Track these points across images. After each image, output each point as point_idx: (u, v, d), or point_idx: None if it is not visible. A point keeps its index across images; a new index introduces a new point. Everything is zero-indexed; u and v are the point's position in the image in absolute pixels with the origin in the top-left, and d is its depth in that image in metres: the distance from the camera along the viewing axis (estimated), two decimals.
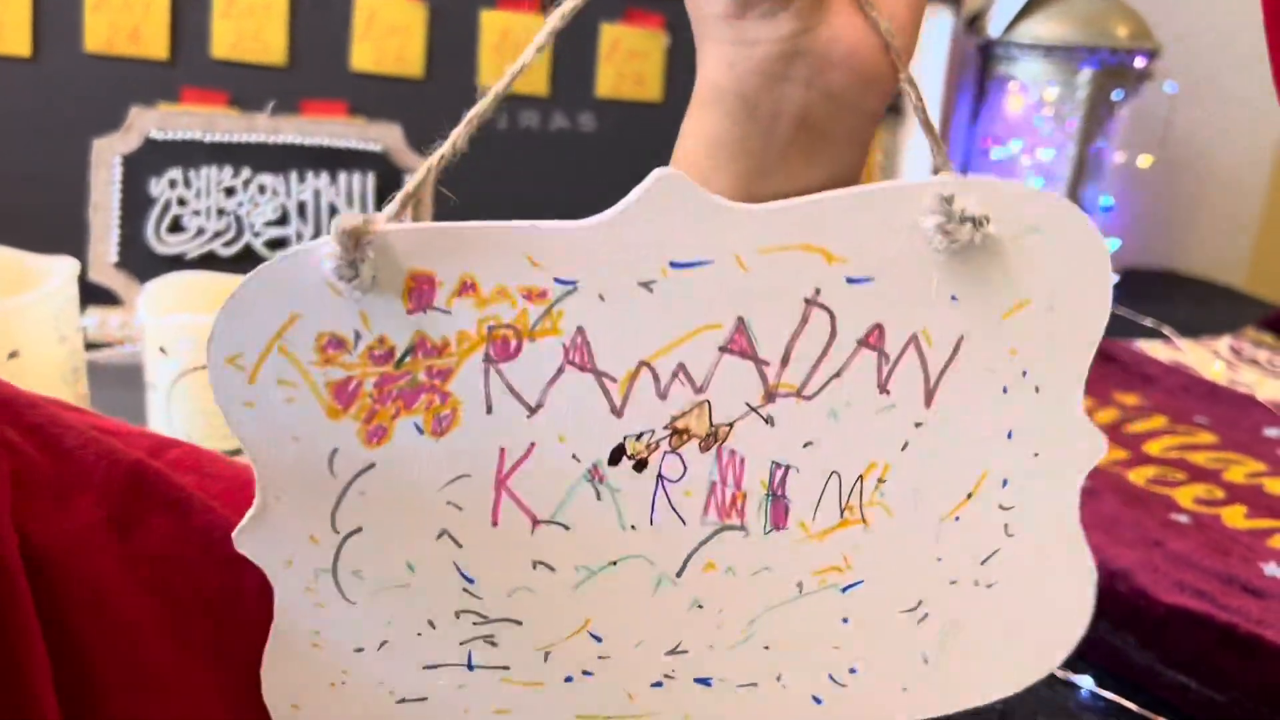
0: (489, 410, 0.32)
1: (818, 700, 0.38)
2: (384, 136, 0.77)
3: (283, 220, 0.77)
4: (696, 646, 0.36)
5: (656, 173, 0.31)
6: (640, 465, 0.33)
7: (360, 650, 0.34)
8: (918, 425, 0.34)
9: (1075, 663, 0.61)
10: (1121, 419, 0.84)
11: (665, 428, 0.33)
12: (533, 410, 0.32)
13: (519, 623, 0.34)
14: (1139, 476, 0.74)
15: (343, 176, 0.77)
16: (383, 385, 0.31)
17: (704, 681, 0.37)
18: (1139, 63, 1.20)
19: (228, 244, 0.77)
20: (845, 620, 0.36)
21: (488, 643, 0.35)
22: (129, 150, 0.75)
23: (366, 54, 1.11)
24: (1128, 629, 0.60)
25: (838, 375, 0.33)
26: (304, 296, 0.30)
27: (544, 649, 0.35)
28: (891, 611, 0.36)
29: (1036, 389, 0.34)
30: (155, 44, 1.08)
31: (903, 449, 0.34)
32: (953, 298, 0.32)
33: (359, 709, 0.35)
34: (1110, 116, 1.24)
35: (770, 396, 0.33)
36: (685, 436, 0.33)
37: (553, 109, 1.16)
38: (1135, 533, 0.66)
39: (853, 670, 0.38)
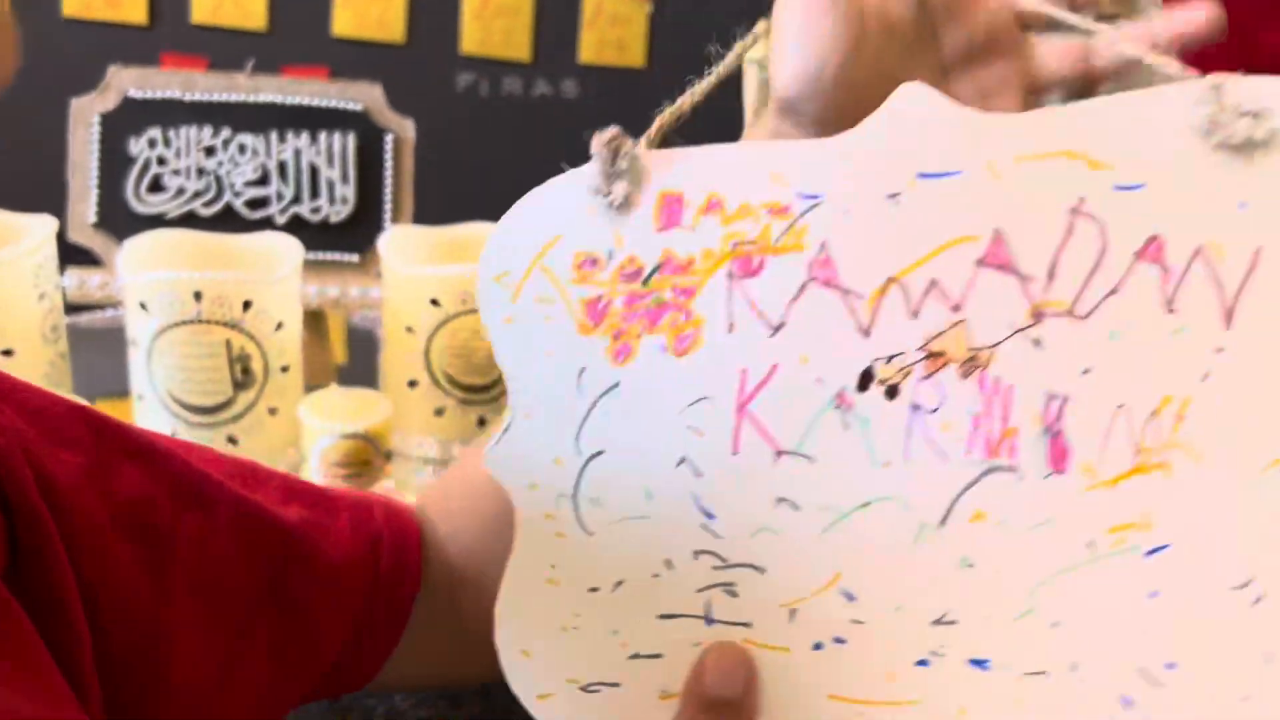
0: (731, 329, 0.31)
1: (1127, 702, 0.32)
2: (364, 96, 0.77)
3: (263, 180, 0.77)
4: (969, 617, 0.31)
5: (902, 87, 0.30)
6: (891, 392, 0.31)
7: (595, 590, 0.33)
8: (1219, 351, 0.29)
9: None
10: None
11: (919, 350, 0.30)
12: (775, 329, 0.31)
13: (761, 570, 0.32)
14: None
15: (323, 136, 0.76)
16: (631, 303, 0.32)
17: (979, 664, 0.32)
18: None
19: (208, 204, 0.76)
20: (1154, 595, 0.31)
21: (728, 592, 0.33)
22: (107, 109, 0.75)
23: (347, 20, 1.11)
24: None
25: (1114, 292, 0.29)
26: (566, 218, 0.32)
27: (790, 605, 0.32)
28: (1214, 588, 0.30)
29: None
30: (134, 8, 1.07)
31: (1203, 379, 0.29)
32: (1241, 204, 0.29)
33: (588, 661, 0.34)
34: None
35: (1037, 315, 0.30)
36: (941, 360, 0.30)
37: (535, 75, 1.16)
38: None
39: (1170, 666, 0.31)
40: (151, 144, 0.75)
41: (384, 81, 0.78)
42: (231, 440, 0.66)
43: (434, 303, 0.68)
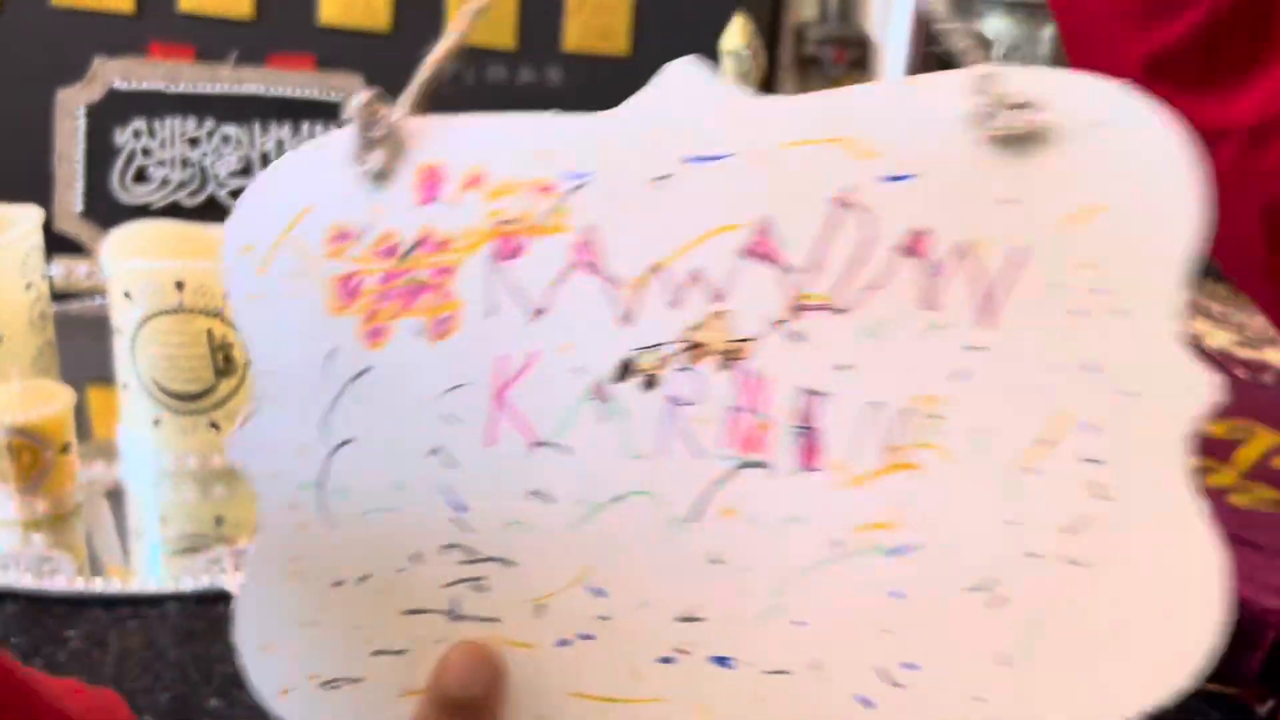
0: (490, 313, 0.30)
1: (866, 703, 0.31)
2: (347, 87, 0.78)
3: (246, 170, 0.78)
4: (715, 614, 0.31)
5: (673, 62, 0.29)
6: (650, 382, 0.30)
7: (339, 584, 0.32)
8: (976, 349, 0.29)
9: None
10: None
11: (679, 340, 0.30)
12: (535, 315, 0.30)
13: (511, 564, 0.31)
14: None
15: (306, 127, 0.78)
16: (386, 281, 0.31)
17: (722, 661, 0.31)
18: None
19: (192, 194, 0.78)
20: (896, 595, 0.30)
21: (476, 587, 0.32)
22: (93, 100, 0.76)
23: (334, 9, 1.12)
24: None
25: (876, 287, 0.29)
26: (320, 187, 0.30)
27: (538, 600, 0.31)
28: (954, 588, 0.29)
29: (1119, 312, 0.28)
30: None
31: (958, 377, 0.29)
32: (1010, 200, 0.28)
33: (331, 656, 0.32)
34: None
35: (798, 308, 0.29)
36: (701, 351, 0.30)
37: (520, 63, 1.17)
38: None
39: (911, 666, 0.30)
40: (137, 135, 0.77)
41: (370, 70, 0.79)
42: (214, 425, 0.67)
43: None
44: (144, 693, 0.50)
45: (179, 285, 0.63)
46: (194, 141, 0.77)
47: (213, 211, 0.77)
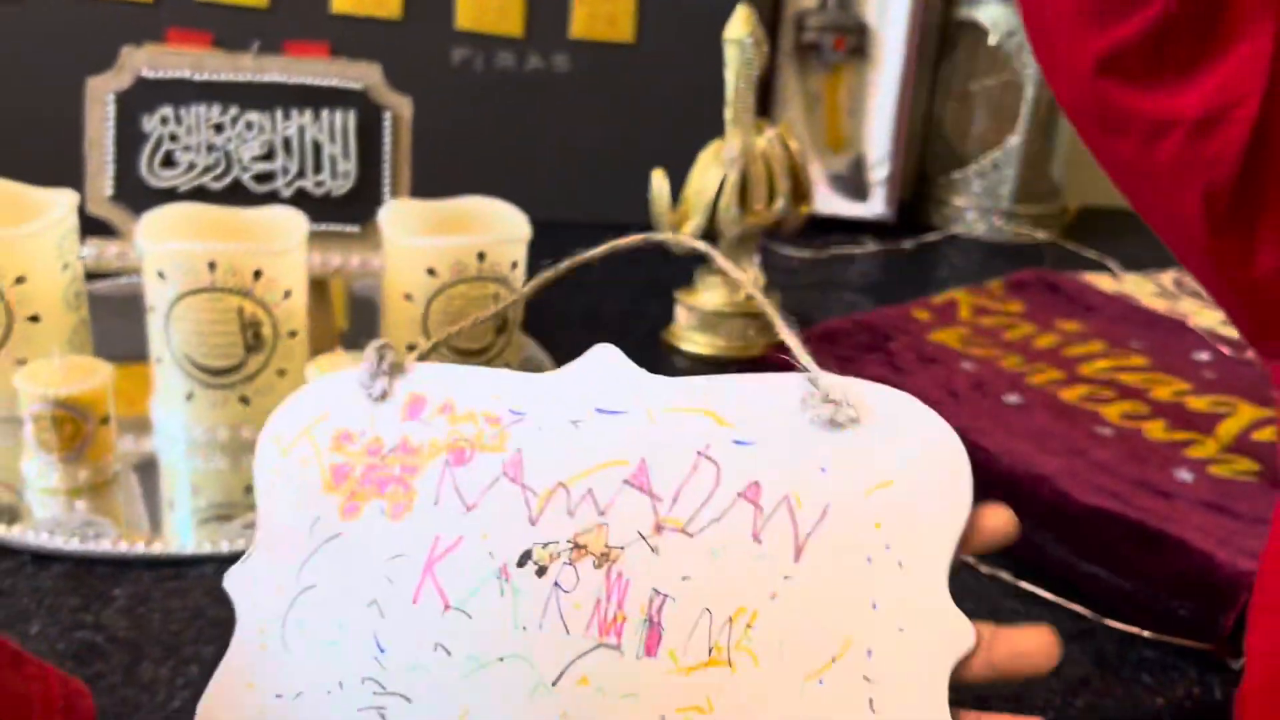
0: (436, 503, 0.40)
1: None
2: (364, 75, 0.81)
3: (269, 155, 0.81)
4: None
5: (596, 348, 0.40)
6: (541, 571, 0.38)
7: (279, 696, 0.39)
8: (786, 578, 0.36)
9: (997, 558, 0.67)
10: (1060, 343, 0.89)
11: (568, 541, 0.38)
12: (468, 509, 0.39)
13: (409, 699, 0.38)
14: (1071, 394, 0.80)
15: (325, 113, 0.81)
16: (368, 473, 0.40)
17: None
18: None
19: (217, 178, 0.80)
20: None
21: (379, 715, 0.38)
22: (122, 88, 0.79)
23: None
24: (1046, 527, 0.66)
25: (718, 520, 0.37)
26: (336, 402, 0.41)
27: None
28: None
29: (900, 564, 0.36)
30: None
31: (771, 598, 0.36)
32: (822, 469, 0.37)
33: None
34: None
35: (659, 528, 0.38)
36: (583, 552, 0.38)
37: (528, 50, 1.20)
38: (1061, 444, 0.72)
39: None
40: (164, 121, 0.79)
41: (381, 57, 0.82)
42: (244, 400, 0.70)
43: (430, 272, 0.73)
44: (189, 644, 0.53)
45: (211, 266, 0.66)
46: (219, 127, 0.80)
47: (237, 195, 0.80)
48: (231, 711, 0.39)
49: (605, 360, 0.40)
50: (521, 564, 0.38)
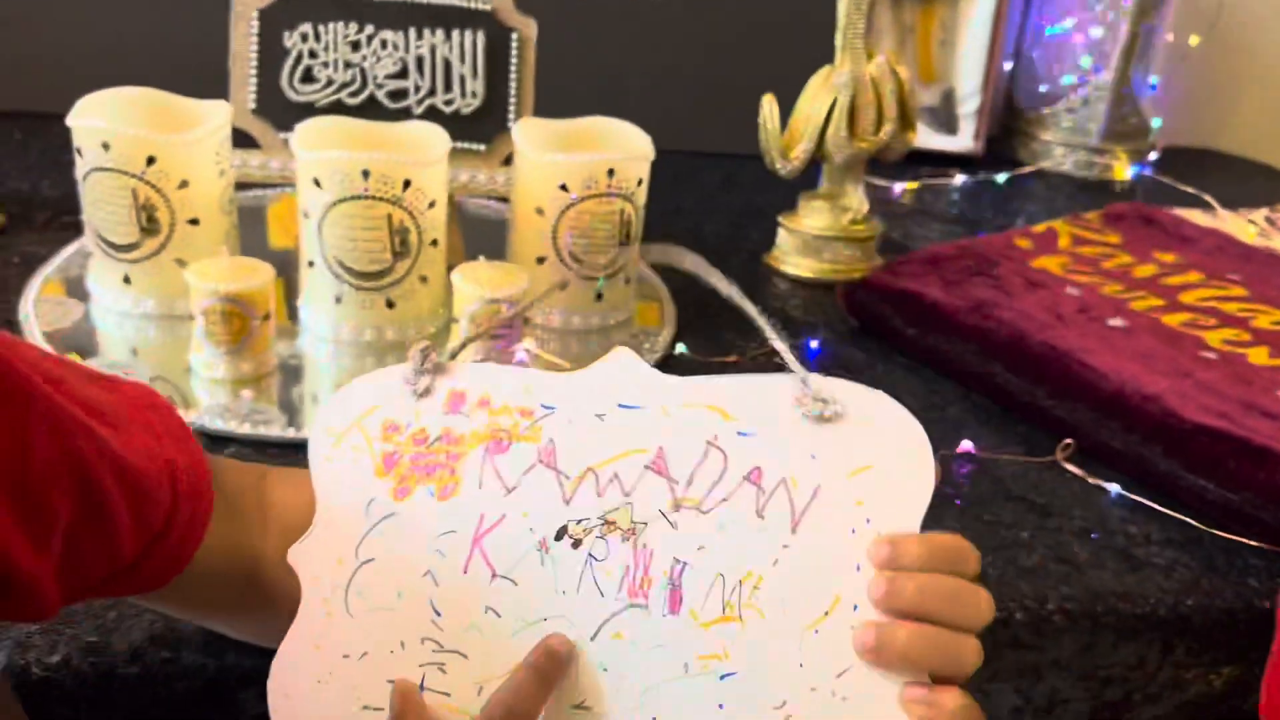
0: (479, 486, 0.45)
1: None
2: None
3: (402, 73, 0.84)
4: (599, 705, 0.44)
5: (615, 351, 0.46)
6: (576, 544, 0.44)
7: (346, 656, 0.44)
8: (785, 547, 0.43)
9: (1105, 470, 0.70)
10: (1159, 273, 0.92)
11: (599, 518, 0.44)
12: (509, 491, 0.45)
13: (465, 656, 0.44)
14: (1173, 320, 0.82)
15: (455, 34, 0.84)
16: (416, 460, 0.46)
17: None
18: None
19: (353, 94, 0.84)
20: (721, 706, 0.43)
21: (440, 670, 0.44)
22: (265, 4, 0.82)
23: None
24: (1155, 441, 0.68)
25: (726, 499, 0.44)
26: (384, 395, 0.47)
27: (480, 683, 0.44)
28: (761, 706, 0.42)
29: (879, 534, 0.43)
30: None
31: (774, 564, 0.43)
32: (812, 456, 0.44)
33: (330, 708, 0.45)
34: None
35: (676, 506, 0.44)
36: (612, 527, 0.44)
37: None
38: (1168, 365, 0.75)
39: None
40: (304, 38, 0.83)
41: None
42: (390, 304, 0.75)
43: (563, 187, 0.77)
44: None
45: (365, 174, 0.70)
46: (355, 45, 0.83)
47: (372, 110, 0.84)
48: (303, 671, 0.44)
49: (624, 362, 0.46)
50: (559, 538, 0.44)
